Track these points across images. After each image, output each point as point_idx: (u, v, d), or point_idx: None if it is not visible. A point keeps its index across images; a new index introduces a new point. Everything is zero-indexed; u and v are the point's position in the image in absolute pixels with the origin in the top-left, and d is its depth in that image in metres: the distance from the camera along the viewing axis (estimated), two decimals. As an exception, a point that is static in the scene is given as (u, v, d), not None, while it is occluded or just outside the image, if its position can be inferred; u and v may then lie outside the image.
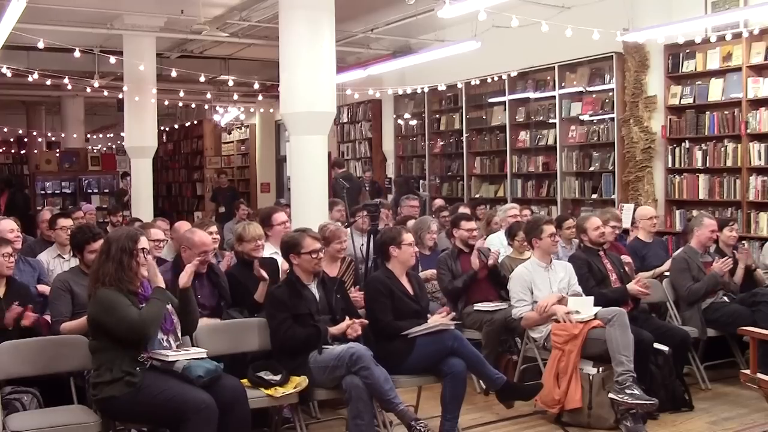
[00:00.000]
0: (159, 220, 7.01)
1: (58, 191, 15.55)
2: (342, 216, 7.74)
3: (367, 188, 11.92)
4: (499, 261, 5.97)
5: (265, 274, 5.03)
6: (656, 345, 5.11)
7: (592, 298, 5.20)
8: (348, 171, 12.33)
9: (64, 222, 6.00)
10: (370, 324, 4.64)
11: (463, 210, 7.78)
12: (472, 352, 4.61)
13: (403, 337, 4.60)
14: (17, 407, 4.05)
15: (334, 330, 4.49)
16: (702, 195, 7.99)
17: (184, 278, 4.15)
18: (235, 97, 15.65)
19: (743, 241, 6.74)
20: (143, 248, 3.91)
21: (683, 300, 5.95)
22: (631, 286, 5.45)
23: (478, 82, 10.31)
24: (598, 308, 5.06)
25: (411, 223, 6.98)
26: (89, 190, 15.68)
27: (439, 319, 4.76)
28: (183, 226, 6.37)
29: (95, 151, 18.34)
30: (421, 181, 12.01)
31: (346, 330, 4.51)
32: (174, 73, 9.56)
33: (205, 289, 4.91)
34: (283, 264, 5.04)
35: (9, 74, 9.42)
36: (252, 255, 5.24)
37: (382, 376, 4.25)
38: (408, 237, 4.95)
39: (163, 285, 3.99)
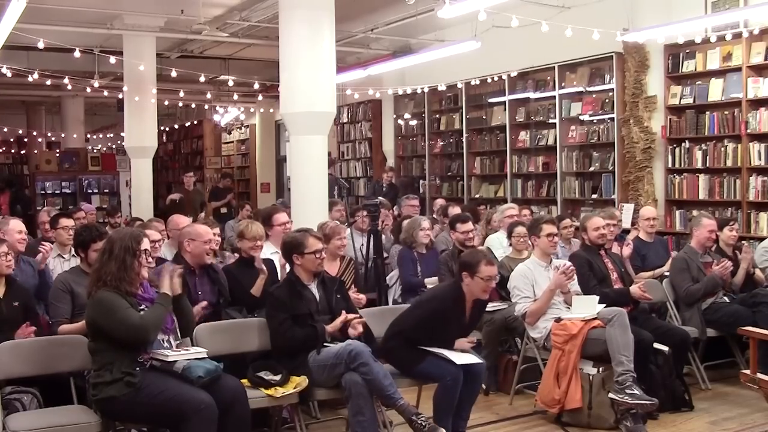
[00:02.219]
0: (154, 220, 7.00)
1: (58, 191, 15.53)
2: (341, 216, 7.74)
3: (384, 189, 11.68)
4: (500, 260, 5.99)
5: (264, 268, 5.06)
6: (656, 345, 5.11)
7: (596, 297, 5.20)
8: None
9: (67, 222, 6.00)
10: (394, 324, 4.60)
11: (453, 210, 7.78)
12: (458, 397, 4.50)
13: (421, 349, 4.52)
14: (17, 407, 4.04)
15: (329, 328, 4.49)
16: (702, 195, 7.99)
17: (167, 286, 4.02)
18: (235, 97, 15.66)
19: (743, 241, 6.74)
20: (145, 249, 3.92)
21: (682, 300, 5.95)
22: (634, 289, 5.44)
23: (478, 82, 10.31)
24: (602, 306, 5.06)
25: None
26: (89, 190, 15.67)
27: (465, 345, 4.66)
28: (177, 219, 6.38)
29: (95, 151, 18.34)
30: (421, 181, 12.01)
31: (345, 328, 4.50)
32: (174, 73, 9.55)
33: (206, 286, 4.95)
34: (280, 259, 5.09)
35: (9, 74, 9.43)
36: (249, 254, 5.26)
37: (381, 372, 4.25)
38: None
39: (170, 293, 3.96)
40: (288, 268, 4.92)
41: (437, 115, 11.82)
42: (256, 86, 11.80)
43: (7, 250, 4.62)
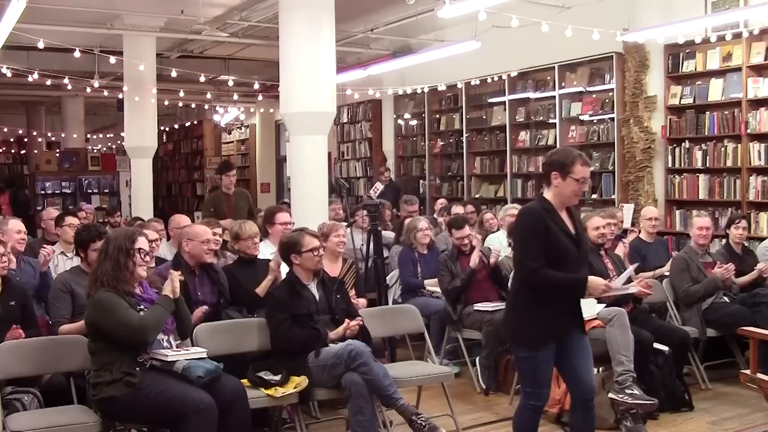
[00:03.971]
0: (153, 220, 7.03)
1: (58, 191, 15.53)
2: (337, 215, 7.75)
3: (383, 189, 11.45)
4: (500, 260, 5.99)
5: (279, 271, 5.01)
6: (656, 345, 5.11)
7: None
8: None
9: (72, 220, 6.08)
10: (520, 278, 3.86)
11: (456, 210, 7.79)
12: None
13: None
14: (17, 407, 4.04)
15: (333, 335, 4.48)
16: (702, 195, 7.99)
17: (169, 288, 3.99)
18: (235, 97, 15.65)
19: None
20: (140, 248, 3.91)
21: (681, 300, 5.95)
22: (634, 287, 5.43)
23: (478, 82, 10.30)
24: (602, 306, 5.05)
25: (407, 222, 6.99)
26: (89, 190, 15.67)
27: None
28: (178, 219, 6.40)
29: (95, 151, 18.34)
30: (421, 181, 12.01)
31: (345, 333, 4.51)
32: (174, 73, 9.56)
33: (206, 287, 4.95)
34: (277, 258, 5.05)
35: (9, 74, 9.43)
36: (248, 253, 5.25)
37: (381, 372, 4.26)
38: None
39: (171, 295, 3.95)
40: (284, 268, 4.91)
41: (437, 115, 11.81)
42: (256, 86, 11.80)
43: (2, 251, 4.62)
